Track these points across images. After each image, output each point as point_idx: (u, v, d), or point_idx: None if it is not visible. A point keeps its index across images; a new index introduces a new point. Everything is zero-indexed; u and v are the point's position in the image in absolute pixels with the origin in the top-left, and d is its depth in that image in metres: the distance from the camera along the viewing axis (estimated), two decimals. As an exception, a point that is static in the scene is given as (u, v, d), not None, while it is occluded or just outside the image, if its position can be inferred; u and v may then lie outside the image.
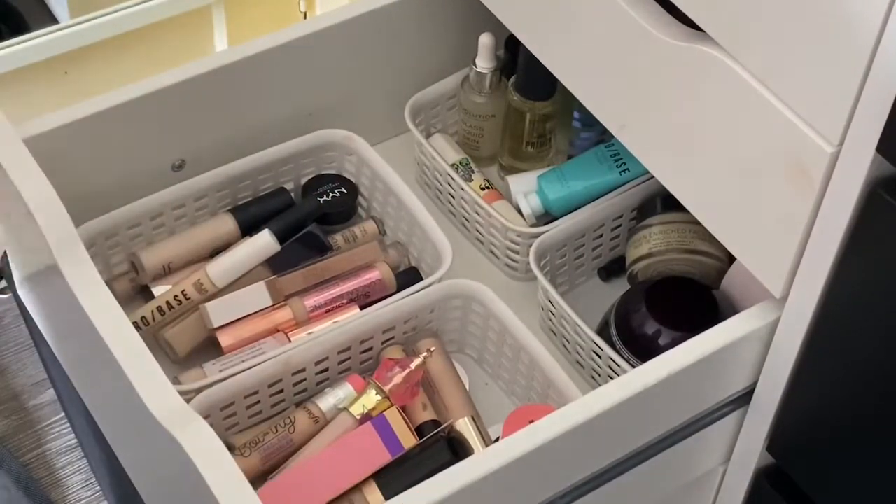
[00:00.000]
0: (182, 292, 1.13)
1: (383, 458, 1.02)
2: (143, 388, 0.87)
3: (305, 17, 1.90)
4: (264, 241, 1.15)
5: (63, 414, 1.65)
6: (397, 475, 1.02)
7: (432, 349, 1.09)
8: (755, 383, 0.98)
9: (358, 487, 1.01)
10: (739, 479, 1.04)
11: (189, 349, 1.13)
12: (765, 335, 0.94)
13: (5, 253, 1.76)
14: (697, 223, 0.97)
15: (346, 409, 1.06)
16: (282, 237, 1.16)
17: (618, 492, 0.98)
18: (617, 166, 1.19)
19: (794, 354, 0.92)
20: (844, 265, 0.83)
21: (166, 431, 0.85)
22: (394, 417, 1.03)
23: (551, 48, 1.04)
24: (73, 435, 1.63)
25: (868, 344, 0.85)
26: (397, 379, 1.05)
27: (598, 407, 0.90)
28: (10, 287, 1.75)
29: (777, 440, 0.97)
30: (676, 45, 0.89)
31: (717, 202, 0.93)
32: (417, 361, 1.07)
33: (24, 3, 1.76)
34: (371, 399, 1.05)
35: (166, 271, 1.15)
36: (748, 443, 1.01)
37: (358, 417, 1.05)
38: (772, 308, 0.94)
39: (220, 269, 1.13)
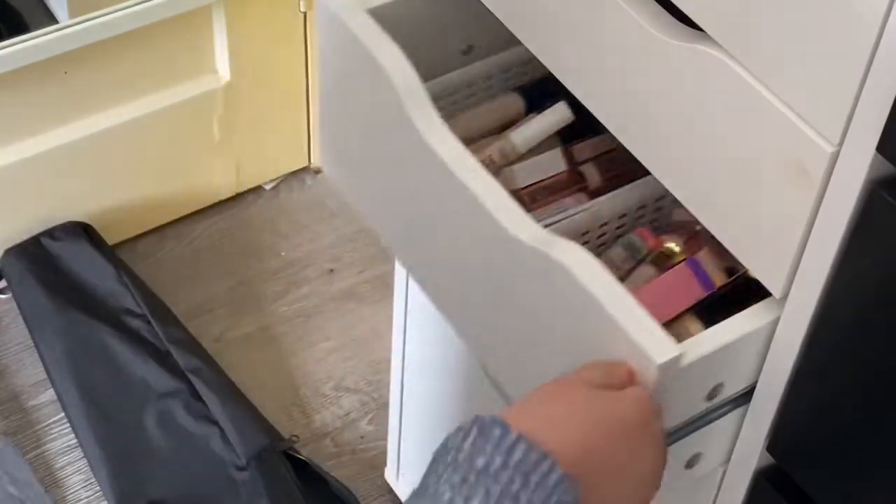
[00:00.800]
0: (489, 156, 1.22)
1: (699, 293, 1.05)
2: (507, 219, 0.95)
3: (305, 17, 1.90)
4: (561, 112, 1.23)
5: (63, 414, 1.65)
6: (713, 310, 1.04)
7: None
8: (755, 383, 0.98)
9: (678, 319, 1.05)
10: (739, 480, 1.04)
11: None
12: (765, 335, 0.94)
13: (6, 252, 1.77)
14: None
15: (646, 260, 1.12)
16: None
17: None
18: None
19: (794, 354, 0.91)
20: (844, 265, 0.83)
21: (540, 253, 0.91)
22: (705, 259, 1.08)
23: (550, 47, 1.04)
24: (73, 435, 1.64)
25: (868, 343, 0.85)
26: (686, 238, 1.11)
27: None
28: (10, 287, 1.76)
29: (777, 440, 0.97)
30: (676, 45, 0.89)
31: (717, 202, 0.93)
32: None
33: (24, 3, 1.76)
34: (671, 250, 1.11)
35: (466, 142, 1.23)
36: (748, 443, 1.01)
37: (657, 267, 1.10)
38: (772, 308, 0.94)
39: (523, 136, 1.23)
